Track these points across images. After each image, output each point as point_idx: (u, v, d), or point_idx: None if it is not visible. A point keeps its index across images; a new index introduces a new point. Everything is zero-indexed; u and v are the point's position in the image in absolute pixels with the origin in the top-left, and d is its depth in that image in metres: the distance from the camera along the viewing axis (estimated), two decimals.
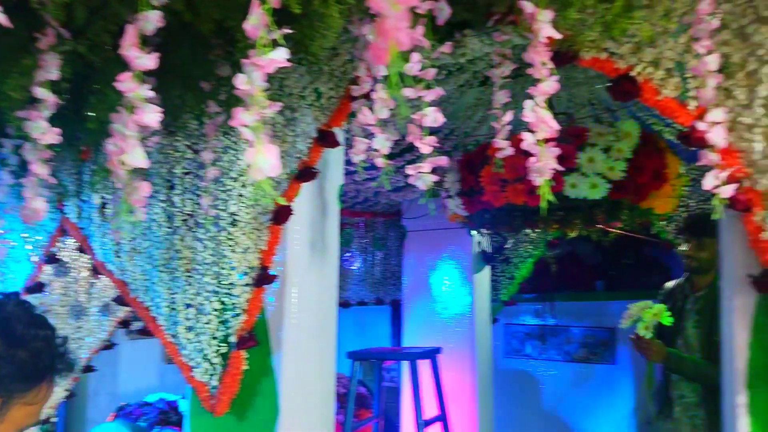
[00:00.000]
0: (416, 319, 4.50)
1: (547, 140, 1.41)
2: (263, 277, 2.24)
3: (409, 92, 1.16)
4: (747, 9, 1.47)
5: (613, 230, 4.27)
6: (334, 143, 2.10)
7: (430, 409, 3.12)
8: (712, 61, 1.30)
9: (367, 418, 4.06)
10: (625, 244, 5.30)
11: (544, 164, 1.12)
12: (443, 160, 1.21)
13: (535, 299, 6.41)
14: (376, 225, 4.70)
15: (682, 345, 2.86)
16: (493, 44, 1.83)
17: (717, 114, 1.28)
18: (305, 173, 2.17)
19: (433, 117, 1.15)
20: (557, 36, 1.07)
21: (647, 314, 2.71)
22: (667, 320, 2.65)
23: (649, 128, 3.01)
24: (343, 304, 5.27)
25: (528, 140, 1.14)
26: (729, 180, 1.52)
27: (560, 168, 1.18)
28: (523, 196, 2.65)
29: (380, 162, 1.21)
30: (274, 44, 0.90)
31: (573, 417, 6.25)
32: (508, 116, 1.32)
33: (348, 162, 3.77)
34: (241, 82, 0.81)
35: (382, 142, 1.21)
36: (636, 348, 2.84)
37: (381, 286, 4.98)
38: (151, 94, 1.01)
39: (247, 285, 2.27)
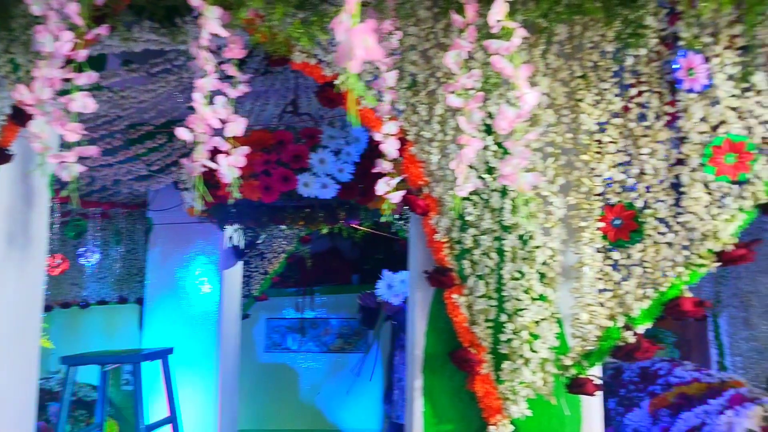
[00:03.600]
0: (160, 317, 4.27)
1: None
2: None
3: (55, 72, 1.06)
4: (430, 34, 1.65)
5: (360, 228, 4.54)
6: None
7: (163, 411, 2.99)
8: (390, 78, 1.43)
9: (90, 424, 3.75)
10: (378, 240, 5.68)
11: (197, 162, 1.11)
12: (93, 150, 1.13)
13: (295, 293, 6.55)
14: (117, 217, 4.35)
15: None
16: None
17: (390, 127, 1.41)
18: None
19: (82, 102, 1.07)
20: (224, 34, 1.07)
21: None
22: None
23: None
24: (82, 304, 4.80)
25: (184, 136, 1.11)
26: (413, 187, 1.69)
27: (214, 166, 1.17)
28: (258, 192, 2.66)
29: (37, 147, 1.09)
30: None
31: (328, 405, 6.52)
32: (210, 111, 1.29)
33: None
34: None
35: (42, 126, 1.08)
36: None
37: (125, 283, 4.63)
38: None
39: None
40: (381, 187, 1.39)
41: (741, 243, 1.42)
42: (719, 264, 1.42)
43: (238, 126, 1.30)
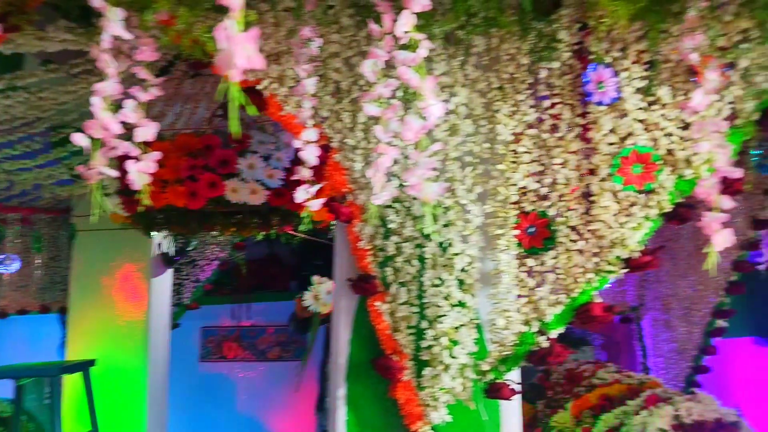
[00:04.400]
0: (84, 328, 4.09)
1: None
2: None
3: None
4: (352, 42, 1.65)
5: (296, 234, 4.49)
6: None
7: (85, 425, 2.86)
8: (309, 85, 1.42)
9: None
10: (317, 247, 5.63)
11: (95, 168, 1.08)
12: None
13: (231, 300, 6.41)
14: (39, 222, 4.15)
15: None
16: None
17: (310, 134, 1.41)
18: None
19: None
20: (127, 36, 1.04)
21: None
22: None
23: None
24: (1, 314, 4.56)
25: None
26: (337, 195, 1.68)
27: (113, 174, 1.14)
28: (183, 198, 2.60)
29: None
30: None
31: (265, 414, 6.41)
32: (117, 117, 1.24)
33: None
34: None
35: None
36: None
37: (47, 291, 4.42)
38: None
39: None
40: (300, 194, 1.38)
41: (647, 250, 1.49)
42: (627, 270, 1.48)
43: (148, 131, 1.26)
